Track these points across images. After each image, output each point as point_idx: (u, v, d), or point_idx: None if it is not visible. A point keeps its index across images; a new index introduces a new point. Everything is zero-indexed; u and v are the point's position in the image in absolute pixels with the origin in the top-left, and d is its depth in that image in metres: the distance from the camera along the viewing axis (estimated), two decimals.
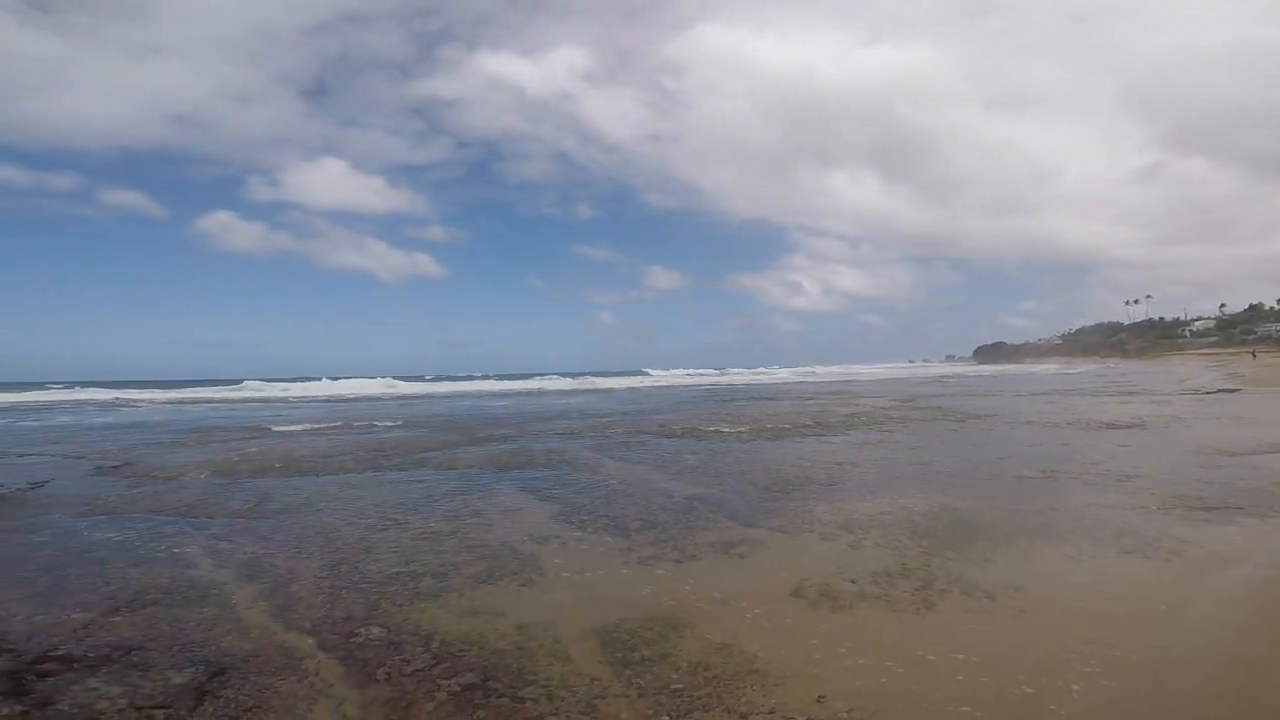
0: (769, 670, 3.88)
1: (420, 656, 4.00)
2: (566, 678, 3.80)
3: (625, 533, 6.84)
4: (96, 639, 4.12)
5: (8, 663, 3.74)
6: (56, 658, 3.84)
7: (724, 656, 4.07)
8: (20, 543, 6.28)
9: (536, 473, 10.43)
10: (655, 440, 14.17)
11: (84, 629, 4.26)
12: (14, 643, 4.02)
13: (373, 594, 5.04)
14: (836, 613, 4.73)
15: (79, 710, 3.27)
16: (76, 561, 5.74)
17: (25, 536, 6.50)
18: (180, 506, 7.98)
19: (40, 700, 3.35)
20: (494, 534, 6.83)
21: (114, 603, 4.74)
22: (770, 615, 4.70)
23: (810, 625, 4.53)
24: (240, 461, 11.63)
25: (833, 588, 5.19)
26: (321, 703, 3.42)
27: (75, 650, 3.94)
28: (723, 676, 3.82)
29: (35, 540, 6.38)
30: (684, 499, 8.41)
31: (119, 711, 3.27)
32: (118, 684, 3.54)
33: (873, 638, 4.30)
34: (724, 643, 4.24)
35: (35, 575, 5.33)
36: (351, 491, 9.03)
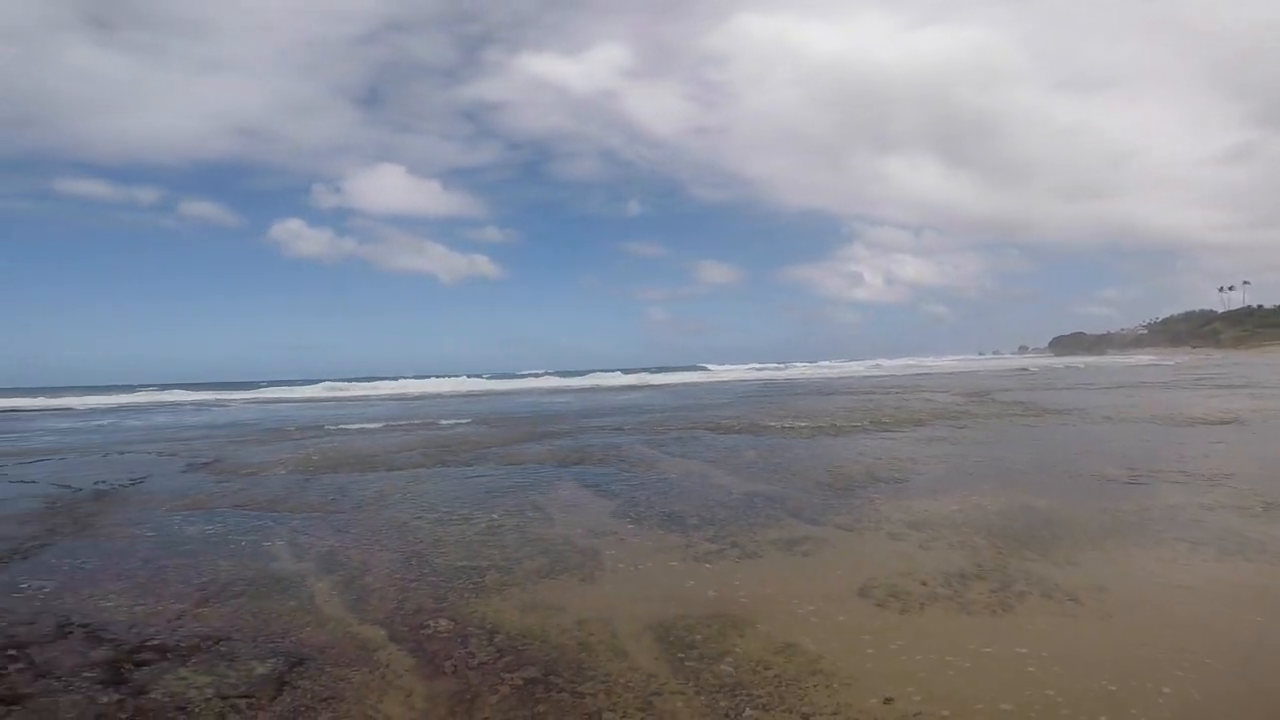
0: (834, 671, 3.79)
1: (485, 650, 4.10)
2: (624, 674, 3.82)
3: (683, 529, 6.83)
4: (188, 629, 4.37)
5: (109, 652, 4.00)
6: (152, 647, 4.08)
7: (786, 656, 4.00)
8: (123, 536, 6.76)
9: (594, 468, 10.53)
10: (712, 436, 14.08)
11: (177, 619, 4.54)
12: (115, 633, 4.30)
13: (441, 587, 5.20)
14: (905, 614, 4.59)
15: (170, 699, 3.46)
16: (172, 554, 6.13)
17: (128, 530, 6.99)
18: (263, 501, 8.43)
19: (135, 689, 3.55)
20: (554, 529, 6.93)
21: (204, 594, 5.04)
22: (835, 615, 4.59)
23: (878, 626, 4.40)
24: (317, 458, 12.21)
25: (901, 588, 5.04)
26: (392, 694, 3.54)
27: (169, 640, 4.19)
28: (784, 676, 3.76)
29: (136, 534, 6.86)
30: (743, 495, 8.33)
31: (206, 700, 3.45)
32: (206, 673, 3.74)
33: (944, 640, 4.15)
34: (786, 642, 4.17)
35: (136, 568, 5.72)
36: (420, 486, 9.33)
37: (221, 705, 3.37)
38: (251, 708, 3.36)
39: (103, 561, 5.83)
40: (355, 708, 3.39)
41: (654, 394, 36.01)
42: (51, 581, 5.26)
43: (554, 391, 42.36)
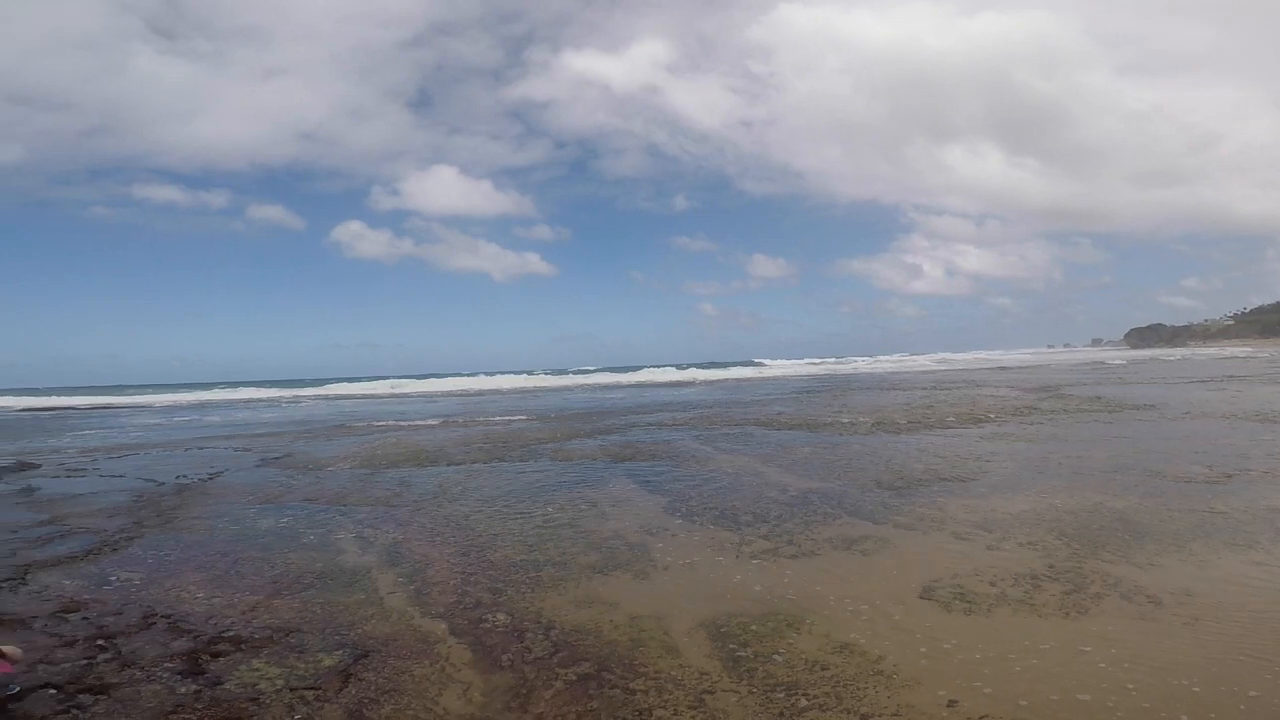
0: (895, 672, 3.70)
1: (540, 644, 4.14)
2: (676, 671, 3.80)
3: (736, 526, 6.75)
4: (261, 621, 4.56)
5: (188, 643, 4.20)
6: (228, 639, 4.27)
7: (844, 656, 3.92)
8: (203, 529, 7.14)
9: (646, 464, 10.54)
10: (766, 433, 13.89)
11: (251, 611, 4.74)
12: (194, 625, 4.51)
13: (498, 581, 5.29)
14: (972, 615, 4.44)
15: (243, 690, 3.61)
16: (247, 546, 6.44)
17: (207, 523, 7.39)
18: (331, 495, 8.77)
19: (212, 680, 3.72)
20: (608, 525, 6.96)
21: (276, 586, 5.26)
22: (897, 616, 4.47)
23: (942, 627, 4.26)
24: (380, 453, 12.62)
25: (968, 589, 4.86)
26: (451, 687, 3.62)
27: (243, 631, 4.38)
28: (842, 677, 3.68)
29: (214, 526, 7.25)
30: (799, 493, 8.18)
31: (276, 692, 3.58)
32: (277, 664, 3.89)
33: (1013, 642, 3.99)
34: (845, 642, 4.09)
35: (214, 559, 6.03)
36: (477, 481, 9.53)
37: (290, 697, 3.49)
38: (319, 699, 3.47)
39: (184, 553, 6.17)
40: (416, 700, 3.47)
41: (705, 390, 35.84)
42: (138, 573, 5.58)
43: (605, 388, 42.65)
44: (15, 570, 5.54)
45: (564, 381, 54.22)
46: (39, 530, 6.93)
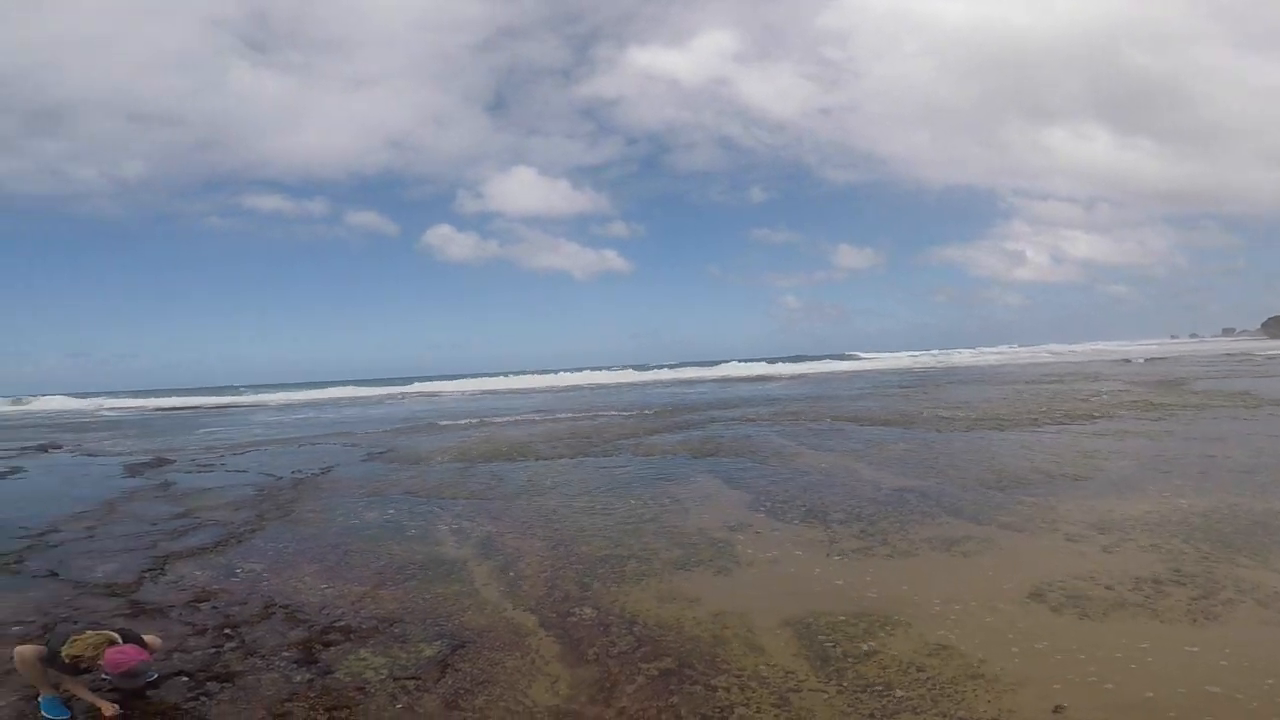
0: (997, 676, 3.54)
1: (625, 639, 4.20)
2: (759, 669, 3.76)
3: (826, 524, 6.58)
4: (369, 611, 4.84)
5: (303, 633, 4.49)
6: (338, 628, 4.54)
7: (941, 658, 3.77)
8: (317, 521, 7.67)
9: (729, 460, 10.44)
10: (856, 429, 13.44)
11: (359, 601, 5.04)
12: (308, 615, 4.82)
13: (585, 575, 5.41)
14: (1085, 620, 4.17)
15: (351, 679, 3.82)
16: (355, 538, 6.86)
17: (320, 516, 7.94)
18: (430, 488, 9.22)
19: (323, 669, 3.95)
20: (690, 520, 6.96)
21: (382, 577, 5.58)
22: (1000, 618, 4.26)
23: (1050, 631, 4.03)
24: (474, 448, 13.15)
25: (1081, 592, 4.57)
26: (539, 680, 3.73)
27: (352, 621, 4.65)
28: (939, 679, 3.55)
29: (327, 519, 7.77)
30: (893, 491, 7.88)
31: (380, 681, 3.77)
32: (382, 654, 4.11)
33: (1131, 649, 3.73)
34: (942, 644, 3.94)
35: (326, 551, 6.45)
36: (564, 476, 9.76)
37: (393, 686, 3.68)
38: (419, 689, 3.65)
39: (300, 545, 6.64)
40: (507, 692, 3.60)
41: (790, 384, 35.12)
42: (261, 564, 6.04)
43: (685, 383, 42.59)
44: (155, 561, 6.11)
45: (644, 377, 54.59)
46: (175, 523, 7.65)
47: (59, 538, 6.98)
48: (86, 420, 29.46)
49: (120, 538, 6.94)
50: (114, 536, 7.00)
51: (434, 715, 3.36)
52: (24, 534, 7.11)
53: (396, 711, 3.39)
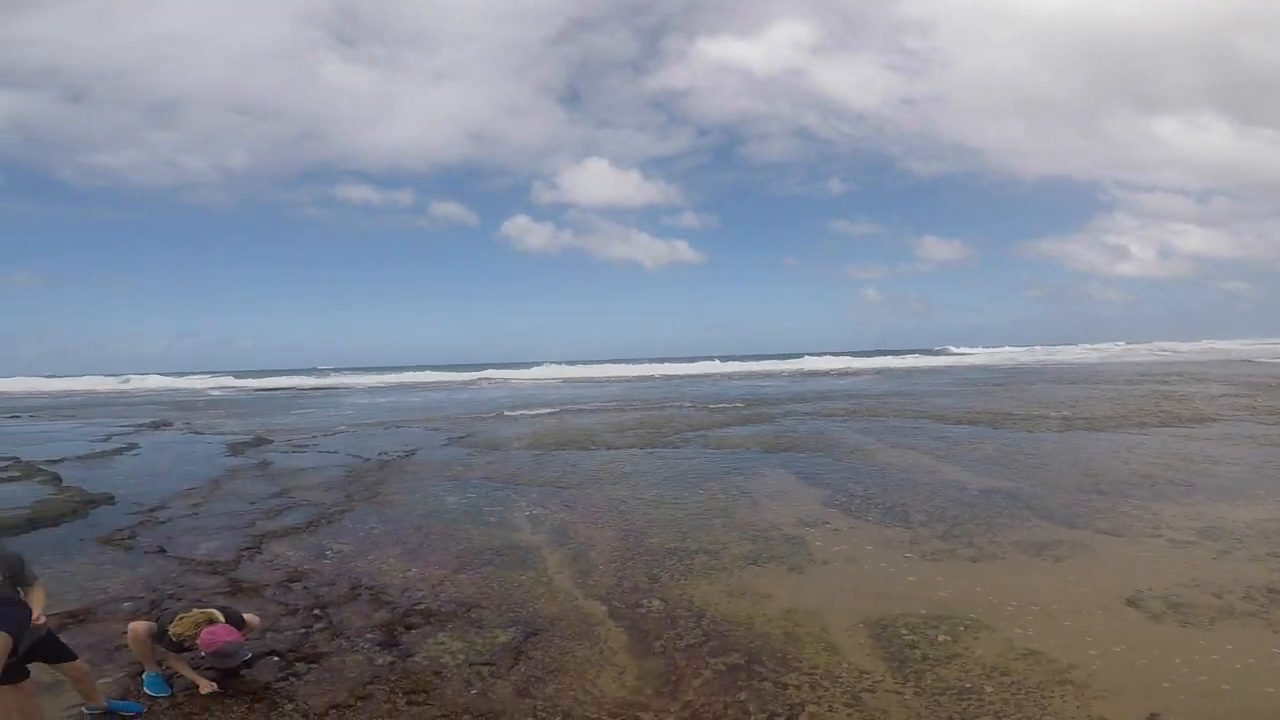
0: (1087, 682, 3.36)
1: (692, 632, 4.18)
2: (832, 667, 3.67)
3: (907, 524, 6.34)
4: (448, 594, 4.99)
5: (386, 615, 4.64)
6: (419, 611, 4.68)
7: (1029, 663, 3.61)
8: (401, 504, 8.00)
9: (804, 455, 10.21)
10: (940, 426, 12.85)
11: (439, 585, 5.20)
12: (392, 597, 4.99)
13: (654, 567, 5.41)
14: (1188, 628, 3.92)
15: (429, 663, 3.92)
16: (436, 521, 7.11)
17: (404, 498, 8.28)
18: (506, 475, 9.47)
19: (404, 652, 4.07)
20: (762, 515, 6.84)
21: (461, 561, 5.75)
22: (1094, 624, 4.04)
23: (1149, 638, 3.81)
24: (547, 436, 13.42)
25: (1185, 600, 4.28)
26: (607, 670, 3.76)
27: (432, 605, 4.79)
28: (1025, 684, 3.39)
29: (410, 502, 8.09)
30: (980, 492, 7.50)
31: (457, 666, 3.87)
32: (459, 639, 4.22)
33: (1237, 659, 3.49)
34: (1030, 649, 3.76)
35: (409, 534, 6.71)
36: (635, 466, 9.82)
37: (469, 672, 3.78)
38: (493, 675, 3.73)
39: (386, 527, 6.94)
40: (576, 681, 3.64)
41: (872, 379, 34.03)
42: (348, 545, 6.32)
43: (760, 376, 41.98)
44: (253, 540, 6.50)
45: (716, 369, 54.12)
46: (272, 502, 8.14)
47: (168, 514, 7.54)
48: (195, 399, 31.86)
49: (222, 515, 7.44)
50: (216, 514, 7.51)
51: (506, 702, 3.42)
52: (137, 510, 7.73)
53: (471, 697, 3.47)
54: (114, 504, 8.00)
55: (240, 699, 3.44)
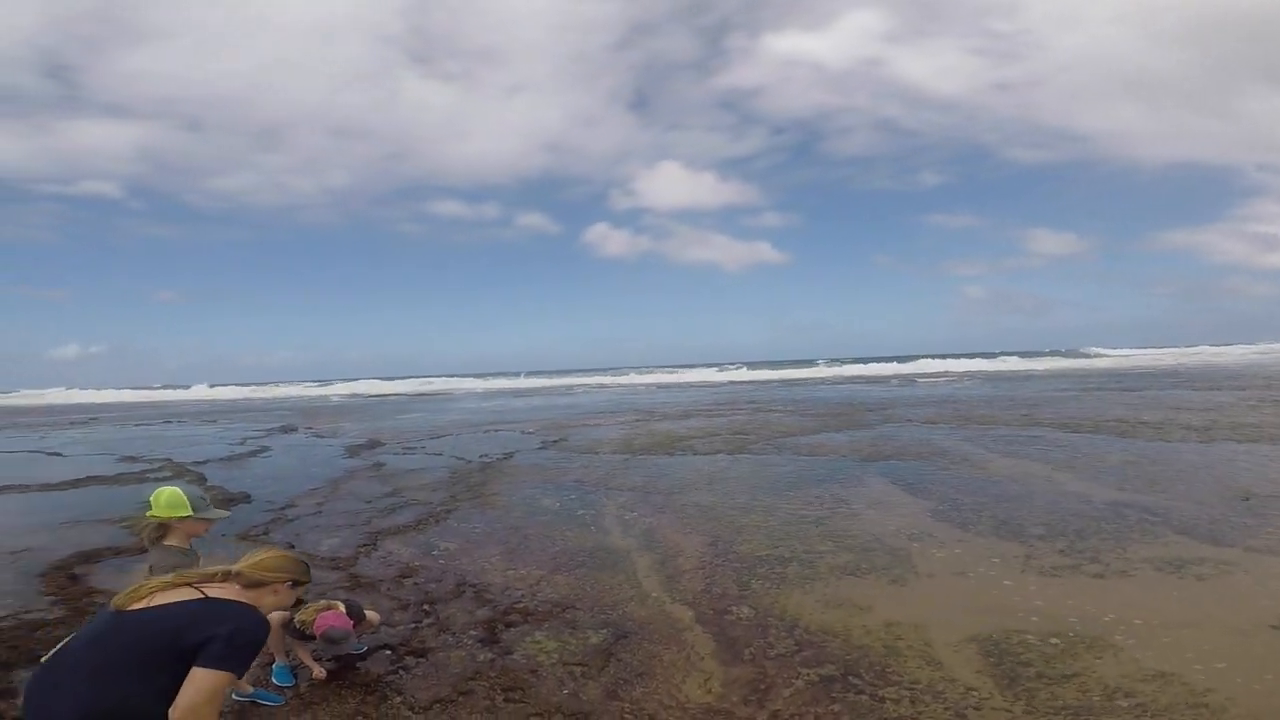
0: (1224, 707, 3.09)
1: (783, 641, 4.08)
2: (936, 683, 3.50)
3: (1022, 538, 5.92)
4: (544, 594, 5.12)
5: (488, 612, 4.81)
6: (518, 610, 4.83)
7: (1158, 685, 3.33)
8: (500, 505, 8.32)
9: (907, 464, 9.74)
10: (1059, 435, 11.90)
11: (536, 584, 5.35)
12: (493, 595, 5.17)
13: (744, 574, 5.34)
14: None
15: (526, 661, 4.02)
16: (532, 522, 7.35)
17: (503, 499, 8.61)
18: (597, 479, 9.65)
19: (503, 649, 4.20)
20: (861, 525, 6.59)
21: (556, 562, 5.90)
22: (1235, 647, 3.68)
23: None
24: (636, 440, 13.55)
25: None
26: (693, 676, 3.73)
27: (530, 604, 4.93)
28: (1153, 707, 3.15)
29: (508, 503, 8.40)
30: (1106, 505, 6.90)
31: (551, 665, 3.95)
32: (554, 638, 4.31)
33: None
34: (1160, 670, 3.48)
35: (508, 534, 6.96)
36: (725, 472, 9.72)
37: (562, 671, 3.85)
38: (584, 676, 3.79)
39: (487, 527, 7.24)
40: (662, 686, 3.64)
41: (978, 383, 32.07)
42: (454, 543, 6.63)
43: (853, 379, 40.47)
44: (369, 537, 6.93)
45: (804, 374, 52.65)
46: (385, 501, 8.68)
47: (295, 512, 8.18)
48: (318, 405, 34.53)
49: (342, 514, 8.00)
50: (337, 513, 8.08)
51: (595, 703, 3.47)
52: (270, 508, 8.44)
53: (563, 697, 3.54)
54: (250, 502, 8.79)
55: (354, 690, 3.65)
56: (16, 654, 4.16)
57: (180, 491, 3.20)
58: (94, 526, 7.37)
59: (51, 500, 8.98)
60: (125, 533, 6.93)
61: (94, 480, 10.53)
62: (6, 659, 4.10)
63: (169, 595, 2.03)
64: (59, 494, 9.38)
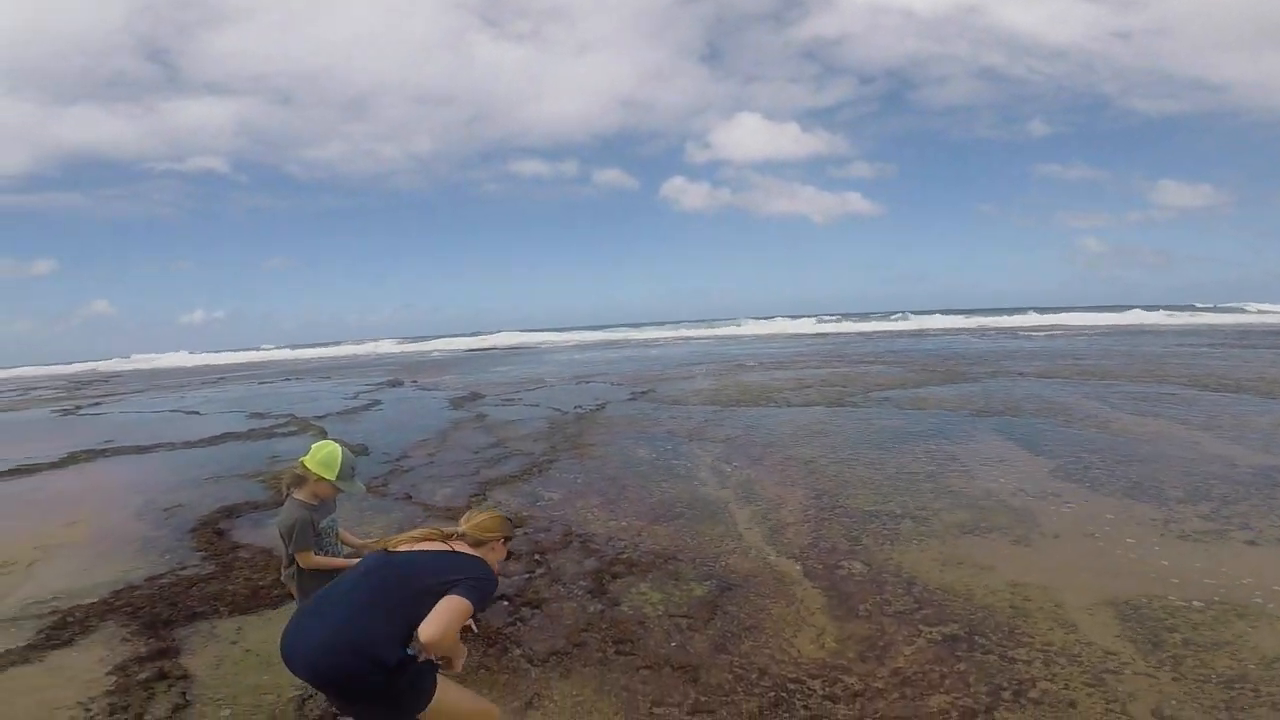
0: None
1: (901, 599, 3.98)
2: (1070, 646, 3.33)
3: (1160, 501, 5.48)
4: (646, 545, 5.18)
5: (595, 564, 4.88)
6: (622, 561, 4.89)
7: None
8: (598, 455, 8.50)
9: (1021, 420, 9.17)
10: (1197, 394, 10.80)
11: (638, 535, 5.42)
12: (598, 545, 5.26)
13: (853, 529, 5.22)
14: None
15: (633, 613, 4.06)
16: (629, 473, 7.45)
17: (600, 450, 8.78)
18: (690, 430, 9.67)
19: (611, 601, 4.25)
20: (976, 483, 6.29)
21: (655, 513, 5.97)
22: None
23: None
24: (726, 392, 13.44)
25: None
26: (805, 631, 3.69)
27: (633, 555, 4.99)
28: None
29: (605, 453, 8.56)
30: (1256, 470, 6.27)
31: (657, 617, 3.98)
32: (659, 590, 4.35)
33: None
34: None
35: (607, 484, 7.09)
36: (823, 424, 9.50)
37: (669, 623, 3.88)
38: (690, 628, 3.81)
39: (586, 477, 7.41)
40: (772, 640, 3.62)
41: (1097, 337, 29.67)
42: (557, 494, 6.80)
43: (956, 331, 38.32)
44: (479, 487, 7.20)
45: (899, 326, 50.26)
46: (490, 451, 9.03)
47: (409, 463, 8.59)
48: (418, 360, 36.33)
49: (452, 464, 8.38)
50: (447, 463, 8.47)
51: (704, 656, 3.48)
52: (386, 459, 8.92)
53: (671, 649, 3.57)
54: (368, 454, 9.31)
55: (475, 643, 3.75)
56: (176, 611, 4.31)
57: (339, 453, 3.13)
58: (233, 482, 7.94)
59: (194, 457, 9.76)
60: (261, 488, 7.52)
61: (229, 437, 11.35)
62: (168, 616, 4.23)
63: (423, 545, 2.43)
64: (200, 450, 10.21)
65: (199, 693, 3.33)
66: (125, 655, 3.73)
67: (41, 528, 6.27)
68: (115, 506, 7.00)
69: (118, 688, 3.38)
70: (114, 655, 3.74)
